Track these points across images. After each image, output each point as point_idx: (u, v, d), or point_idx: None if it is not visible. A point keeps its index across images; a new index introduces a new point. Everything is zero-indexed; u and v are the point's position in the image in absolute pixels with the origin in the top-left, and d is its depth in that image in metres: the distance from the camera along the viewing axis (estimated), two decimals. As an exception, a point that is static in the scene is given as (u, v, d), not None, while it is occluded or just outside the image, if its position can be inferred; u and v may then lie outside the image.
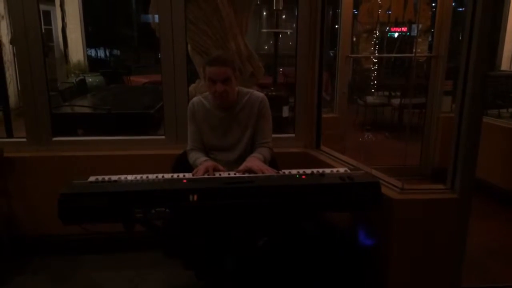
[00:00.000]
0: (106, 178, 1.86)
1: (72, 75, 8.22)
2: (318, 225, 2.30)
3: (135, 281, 2.53)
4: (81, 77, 7.39)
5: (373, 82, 5.95)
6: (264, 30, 9.67)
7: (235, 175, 1.96)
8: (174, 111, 2.83)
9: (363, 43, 5.43)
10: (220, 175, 1.97)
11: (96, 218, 1.71)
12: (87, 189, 1.73)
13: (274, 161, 2.26)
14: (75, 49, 8.81)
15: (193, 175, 1.98)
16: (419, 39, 4.64)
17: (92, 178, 1.87)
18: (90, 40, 10.89)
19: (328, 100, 4.57)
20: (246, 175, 1.94)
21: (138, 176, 1.89)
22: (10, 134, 2.92)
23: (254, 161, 2.06)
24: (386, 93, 6.53)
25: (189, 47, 3.09)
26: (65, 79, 8.10)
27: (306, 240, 2.24)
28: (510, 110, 4.67)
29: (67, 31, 8.48)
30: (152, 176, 1.89)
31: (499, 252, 2.86)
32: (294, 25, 2.99)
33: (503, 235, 3.11)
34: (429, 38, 4.85)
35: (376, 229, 2.23)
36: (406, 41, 6.86)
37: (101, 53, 13.68)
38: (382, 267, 2.21)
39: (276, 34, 4.58)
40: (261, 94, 2.29)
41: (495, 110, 4.60)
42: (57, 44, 8.59)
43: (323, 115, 2.95)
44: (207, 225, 1.93)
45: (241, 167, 2.03)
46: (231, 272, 2.05)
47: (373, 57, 5.62)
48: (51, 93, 3.03)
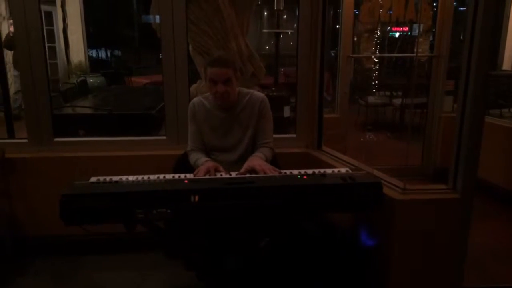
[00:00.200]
0: (108, 179, 1.86)
1: (73, 76, 8.23)
2: (320, 226, 2.29)
3: (137, 282, 2.53)
4: (82, 78, 7.39)
5: (375, 82, 5.94)
6: (265, 30, 9.67)
7: (237, 176, 1.96)
8: (175, 112, 2.83)
9: (364, 43, 5.42)
10: (222, 176, 1.97)
11: (98, 219, 1.71)
12: (89, 190, 1.73)
13: (276, 161, 2.26)
14: (76, 50, 8.81)
15: (194, 176, 1.98)
16: (421, 39, 4.63)
17: (94, 179, 1.87)
18: (91, 41, 10.90)
19: (330, 100, 4.57)
20: (248, 176, 1.93)
21: (140, 177, 1.89)
22: (12, 135, 2.92)
23: (256, 161, 2.06)
24: (388, 93, 6.52)
25: (190, 48, 3.09)
26: (66, 80, 8.11)
27: (308, 241, 2.24)
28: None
29: (68, 32, 8.48)
30: (154, 177, 1.89)
31: (501, 252, 2.85)
32: (295, 25, 2.99)
33: (505, 235, 3.11)
34: (431, 38, 4.84)
35: (378, 230, 2.23)
36: (408, 41, 6.85)
37: (102, 54, 13.70)
38: (384, 268, 2.21)
39: (277, 34, 4.58)
40: (262, 95, 2.29)
41: (497, 110, 4.61)
42: (59, 45, 8.61)
43: (325, 115, 2.96)
44: (209, 226, 1.93)
45: (244, 168, 2.03)
46: (233, 273, 2.05)
47: (375, 57, 5.61)
48: (53, 94, 3.03)
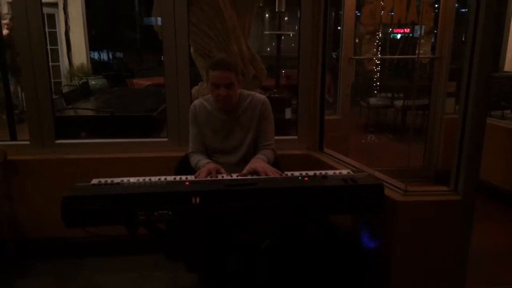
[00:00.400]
0: (109, 181, 1.86)
1: (75, 78, 8.25)
2: (321, 227, 2.29)
3: (138, 284, 2.53)
4: (84, 80, 7.41)
5: (376, 84, 5.94)
6: (267, 32, 9.67)
7: (238, 178, 1.96)
8: (177, 114, 2.83)
9: (366, 45, 5.42)
10: (223, 177, 1.97)
11: (99, 221, 1.72)
12: (90, 192, 1.73)
13: (277, 163, 2.26)
14: (78, 52, 8.83)
15: (196, 178, 1.97)
16: (422, 41, 4.62)
17: (95, 181, 1.87)
18: (93, 43, 10.92)
19: (331, 102, 4.57)
20: (249, 177, 1.93)
21: (141, 179, 1.89)
22: (14, 137, 2.93)
23: (258, 163, 2.06)
24: (389, 95, 6.51)
25: (192, 50, 3.10)
26: (69, 82, 8.13)
27: (309, 242, 2.24)
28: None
29: (70, 34, 8.51)
30: (155, 179, 1.90)
31: (503, 254, 2.84)
32: (297, 27, 2.99)
33: (507, 237, 3.10)
34: (432, 40, 4.84)
35: (379, 231, 2.22)
36: (409, 43, 6.84)
37: (104, 56, 13.72)
38: (385, 269, 2.20)
39: (279, 36, 4.59)
40: (263, 97, 2.29)
41: (499, 111, 4.59)
42: (61, 47, 8.64)
43: (326, 117, 2.95)
44: (210, 228, 1.93)
45: (246, 169, 2.03)
46: (234, 275, 2.05)
47: (376, 59, 5.61)
48: (55, 96, 3.04)
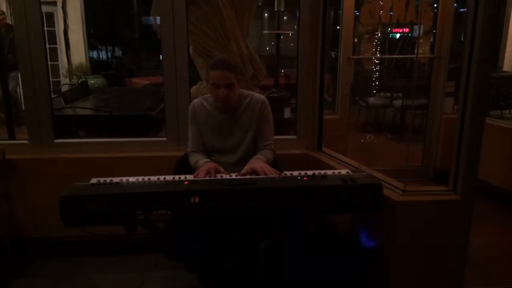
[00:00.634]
0: (108, 180, 1.86)
1: (74, 77, 8.24)
2: (320, 227, 2.29)
3: (137, 283, 2.52)
4: (83, 79, 7.40)
5: (375, 83, 5.95)
6: (266, 32, 9.67)
7: (237, 177, 1.96)
8: (176, 113, 2.83)
9: (365, 45, 5.42)
10: (222, 177, 1.97)
11: (98, 220, 1.71)
12: (89, 191, 1.73)
13: (276, 163, 2.26)
14: (77, 51, 8.83)
15: (195, 177, 1.97)
16: (421, 40, 4.62)
17: (94, 180, 1.87)
18: (92, 42, 10.91)
19: (330, 102, 4.57)
20: (248, 177, 1.93)
21: (140, 178, 1.89)
22: (12, 136, 2.92)
23: (257, 162, 2.06)
24: (388, 94, 6.51)
25: (191, 49, 3.09)
26: (67, 81, 8.12)
27: (308, 242, 2.23)
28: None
29: (69, 33, 8.50)
30: (154, 178, 1.90)
31: (502, 253, 2.85)
32: (296, 27, 2.98)
33: (505, 236, 3.10)
34: (431, 39, 4.84)
35: (378, 231, 2.23)
36: (408, 42, 6.84)
37: (103, 55, 13.71)
38: (384, 269, 2.20)
39: (278, 36, 4.58)
40: (262, 97, 2.29)
41: (498, 111, 4.60)
42: (60, 46, 8.63)
43: (325, 117, 2.95)
44: (209, 227, 1.93)
45: (245, 169, 2.03)
46: (233, 274, 2.04)
47: (375, 58, 5.62)
48: (53, 95, 3.03)
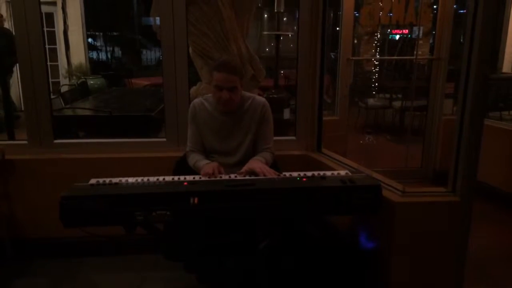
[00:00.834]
0: (107, 181, 1.86)
1: (74, 78, 8.23)
2: (319, 228, 2.29)
3: (136, 284, 2.52)
4: (83, 80, 7.40)
5: (374, 85, 5.95)
6: (265, 33, 9.67)
7: (236, 178, 1.96)
8: (175, 114, 2.83)
9: (365, 46, 5.43)
10: (221, 178, 1.97)
11: (97, 221, 1.71)
12: (88, 192, 1.73)
13: (275, 164, 2.26)
14: (77, 52, 8.83)
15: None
16: (421, 42, 4.63)
17: (93, 181, 1.87)
18: (92, 43, 10.91)
19: (329, 103, 4.57)
20: (247, 178, 1.94)
21: (139, 179, 1.89)
22: (12, 137, 2.92)
23: (256, 163, 2.07)
24: (387, 96, 6.53)
25: (190, 49, 3.09)
26: (67, 82, 8.12)
27: (307, 243, 2.24)
28: (512, 113, 4.67)
29: (69, 34, 8.50)
30: (153, 179, 1.90)
31: (501, 255, 2.85)
32: (295, 28, 2.99)
33: (505, 238, 3.10)
34: (431, 41, 4.85)
35: (377, 232, 2.23)
36: (408, 44, 6.85)
37: (103, 56, 13.71)
38: (383, 271, 2.20)
39: (277, 37, 4.58)
40: (263, 99, 2.30)
41: (497, 113, 4.61)
42: (59, 47, 8.63)
43: (324, 118, 2.96)
44: (208, 228, 1.93)
45: (244, 169, 2.04)
46: (233, 275, 2.04)
47: (375, 60, 5.63)
48: (53, 96, 3.03)
